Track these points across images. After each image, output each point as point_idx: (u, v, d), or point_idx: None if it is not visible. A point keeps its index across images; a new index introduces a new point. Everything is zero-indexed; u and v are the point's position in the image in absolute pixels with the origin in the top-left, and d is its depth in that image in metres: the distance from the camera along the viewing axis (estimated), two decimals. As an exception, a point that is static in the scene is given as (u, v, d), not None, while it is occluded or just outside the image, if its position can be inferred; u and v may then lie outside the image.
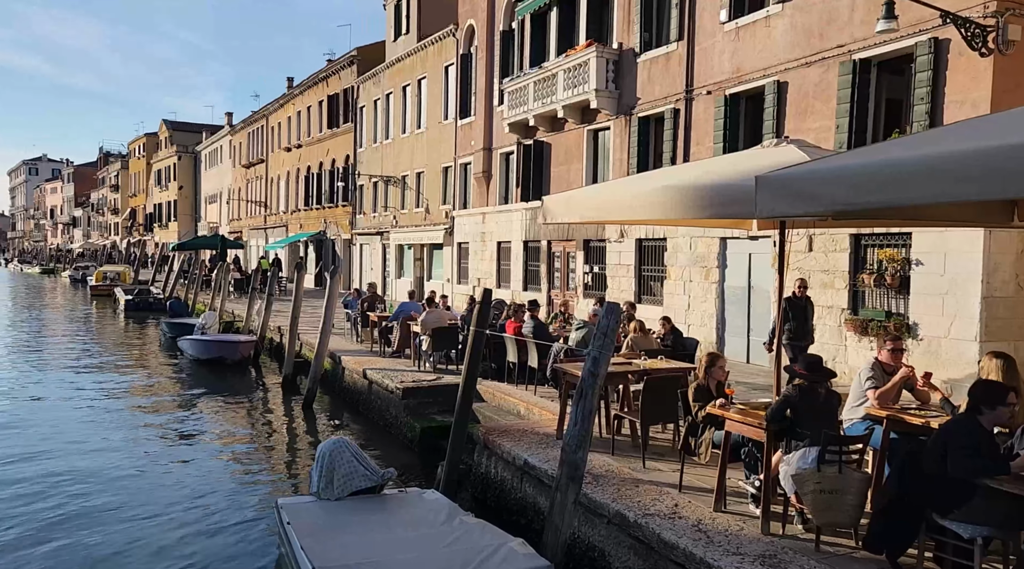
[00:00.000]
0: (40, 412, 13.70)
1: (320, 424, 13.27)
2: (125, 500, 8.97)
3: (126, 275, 43.82)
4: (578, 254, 18.22)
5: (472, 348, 8.71)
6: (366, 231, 31.16)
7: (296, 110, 39.33)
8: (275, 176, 42.86)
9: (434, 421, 11.18)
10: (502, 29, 21.16)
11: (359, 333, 17.38)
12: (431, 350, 13.37)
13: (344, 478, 7.43)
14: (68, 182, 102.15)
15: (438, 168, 25.40)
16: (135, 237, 71.67)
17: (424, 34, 26.28)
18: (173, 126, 64.91)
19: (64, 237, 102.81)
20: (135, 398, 15.42)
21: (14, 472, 9.94)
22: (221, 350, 18.42)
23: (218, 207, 55.09)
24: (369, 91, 30.95)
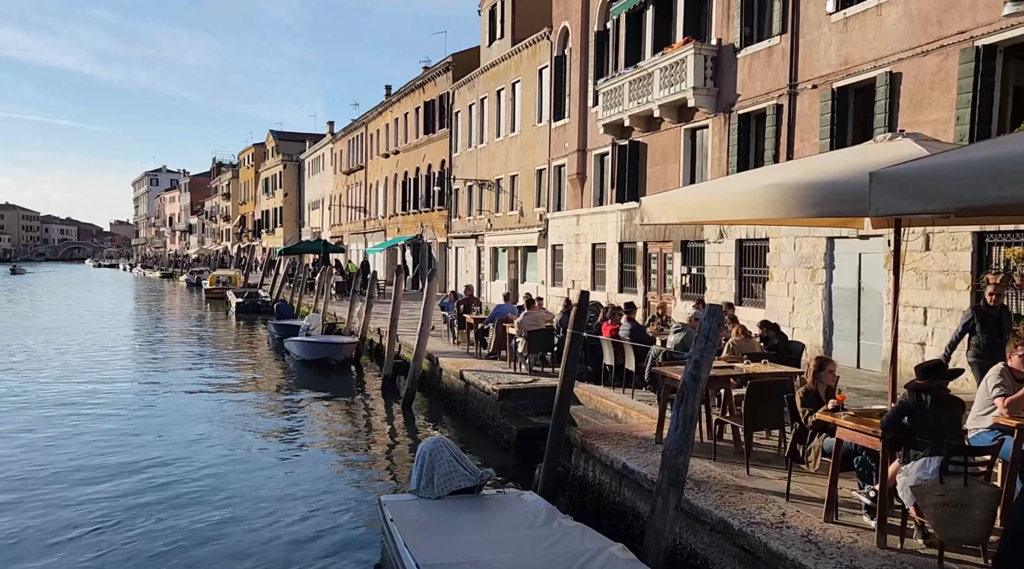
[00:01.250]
0: (159, 407, 14.56)
1: (419, 424, 13.55)
2: (233, 494, 9.37)
3: (237, 279, 46.16)
4: (675, 255, 17.89)
5: (569, 350, 8.68)
6: (461, 234, 31.63)
7: (393, 117, 40.37)
8: (373, 182, 44.11)
9: (530, 423, 11.19)
10: (596, 30, 21.04)
11: (456, 335, 17.64)
12: (527, 352, 13.42)
13: (444, 477, 7.55)
14: (184, 191, 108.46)
15: (532, 171, 25.51)
16: (245, 243, 75.33)
17: (518, 38, 26.46)
18: (279, 136, 67.88)
19: (181, 243, 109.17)
20: (245, 396, 16.17)
21: (129, 462, 10.57)
22: (325, 351, 19.08)
23: (320, 213, 57.19)
24: (464, 96, 31.42)
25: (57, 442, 11.72)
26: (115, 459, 10.78)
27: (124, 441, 11.82)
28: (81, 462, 10.61)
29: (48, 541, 7.80)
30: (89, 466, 10.42)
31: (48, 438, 11.97)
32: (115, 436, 12.12)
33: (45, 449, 11.31)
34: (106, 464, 10.53)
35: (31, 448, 11.49)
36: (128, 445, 11.56)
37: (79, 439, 11.94)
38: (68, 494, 9.26)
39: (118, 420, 13.28)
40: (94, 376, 18.01)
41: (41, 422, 13.16)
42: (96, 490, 9.39)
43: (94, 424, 12.94)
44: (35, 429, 12.68)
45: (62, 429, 12.58)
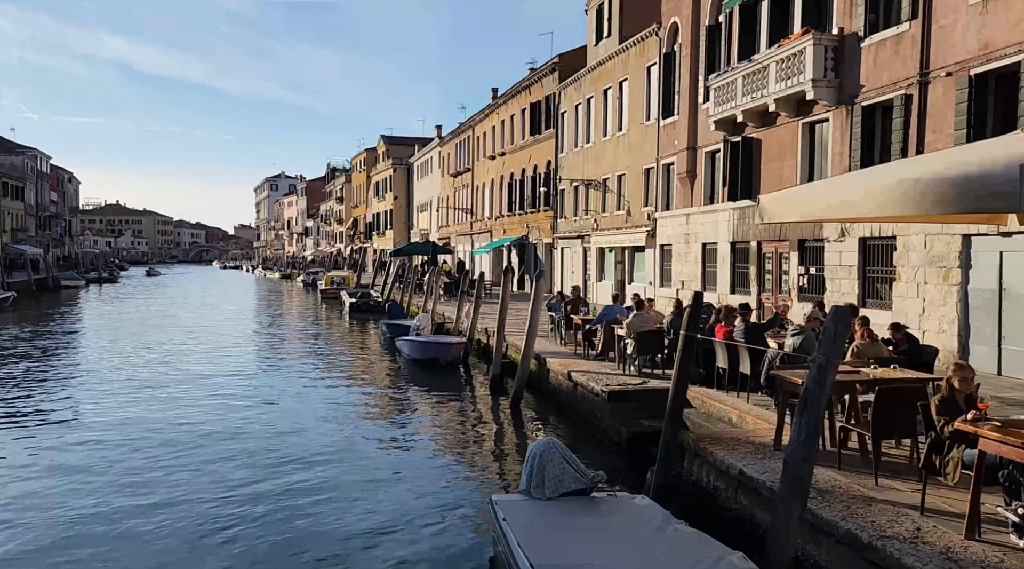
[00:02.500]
0: (278, 404, 15.18)
1: (527, 424, 13.60)
2: (346, 489, 9.63)
3: (350, 279, 47.94)
4: (792, 255, 17.18)
5: (682, 352, 8.49)
6: (567, 235, 31.59)
7: (500, 119, 40.80)
8: (480, 184, 44.74)
9: (640, 426, 11.02)
10: (708, 24, 20.51)
11: (563, 336, 17.62)
12: (636, 354, 13.24)
13: (555, 479, 7.54)
14: (301, 196, 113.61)
15: (640, 170, 25.16)
16: (357, 244, 78.07)
17: (626, 36, 26.16)
18: (389, 141, 69.96)
19: (298, 245, 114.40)
20: (359, 394, 16.74)
21: (246, 457, 10.99)
22: (434, 351, 19.48)
23: (428, 215, 58.53)
24: (570, 96, 31.37)
25: (180, 434, 12.38)
26: (233, 452, 11.25)
27: (243, 435, 12.35)
28: (201, 454, 11.13)
29: (165, 529, 8.19)
30: (209, 457, 10.92)
31: (172, 429, 12.68)
32: (235, 430, 12.68)
33: (168, 440, 11.97)
34: (225, 456, 11.01)
35: (157, 436, 12.26)
36: (246, 440, 12.04)
37: (201, 431, 12.57)
38: (187, 484, 9.70)
39: (238, 415, 13.92)
40: (219, 372, 19.09)
41: (167, 414, 14.03)
42: (213, 481, 9.81)
43: (216, 417, 13.63)
44: (161, 420, 13.53)
45: (185, 422, 13.31)
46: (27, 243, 66.83)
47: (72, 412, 14.21)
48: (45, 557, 7.46)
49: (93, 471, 10.33)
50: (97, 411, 14.20)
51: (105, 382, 17.48)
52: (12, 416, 13.92)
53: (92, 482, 9.83)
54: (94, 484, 9.73)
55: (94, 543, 7.82)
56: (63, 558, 7.48)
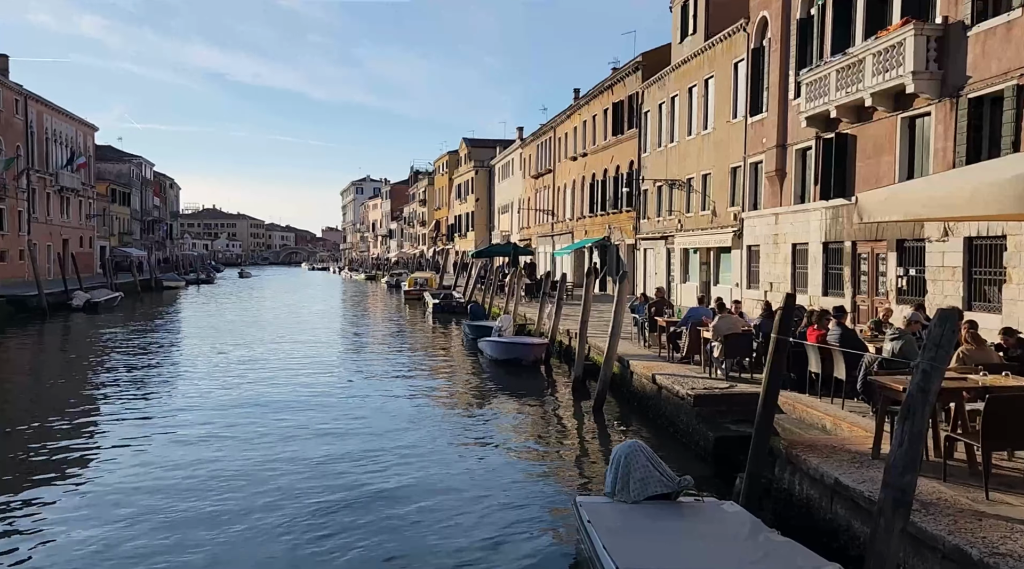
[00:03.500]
0: (362, 402, 15.47)
1: (609, 426, 13.47)
2: (428, 489, 9.70)
3: (432, 281, 48.68)
4: (889, 255, 16.41)
5: (773, 356, 8.22)
6: (650, 236, 31.16)
7: (582, 120, 40.64)
8: (561, 185, 44.67)
9: (728, 430, 10.75)
10: (799, 17, 19.84)
11: (646, 338, 17.38)
12: (723, 357, 12.93)
13: (640, 482, 7.43)
14: (386, 199, 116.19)
15: (726, 169, 24.58)
16: (439, 246, 79.27)
17: (712, 32, 25.61)
18: (471, 143, 70.75)
19: (382, 247, 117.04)
20: (442, 394, 16.93)
21: (331, 454, 11.17)
22: (516, 352, 19.54)
23: (509, 216, 58.85)
24: (654, 95, 30.95)
25: (268, 432, 12.74)
26: (318, 450, 11.46)
27: (329, 433, 12.58)
28: (287, 452, 11.39)
29: (252, 528, 8.39)
30: (295, 456, 11.15)
31: (261, 428, 13.08)
32: (320, 429, 12.91)
33: (257, 438, 12.34)
34: (311, 454, 11.22)
35: (247, 434, 12.72)
36: (331, 438, 12.24)
37: (289, 430, 12.89)
38: (273, 481, 9.91)
39: (324, 414, 14.20)
40: (307, 371, 19.68)
41: (258, 412, 14.53)
42: (298, 479, 9.98)
43: (304, 417, 13.94)
44: (252, 418, 14.02)
45: (274, 420, 13.72)
46: (132, 246, 70.81)
47: (171, 409, 14.91)
48: (137, 554, 7.72)
49: (186, 467, 10.76)
50: (194, 409, 14.81)
51: (202, 380, 18.30)
52: (118, 413, 14.73)
53: (185, 479, 10.22)
54: (187, 482, 10.09)
55: (185, 540, 8.08)
56: (154, 554, 7.78)
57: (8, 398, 16.79)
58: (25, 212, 47.76)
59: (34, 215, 49.11)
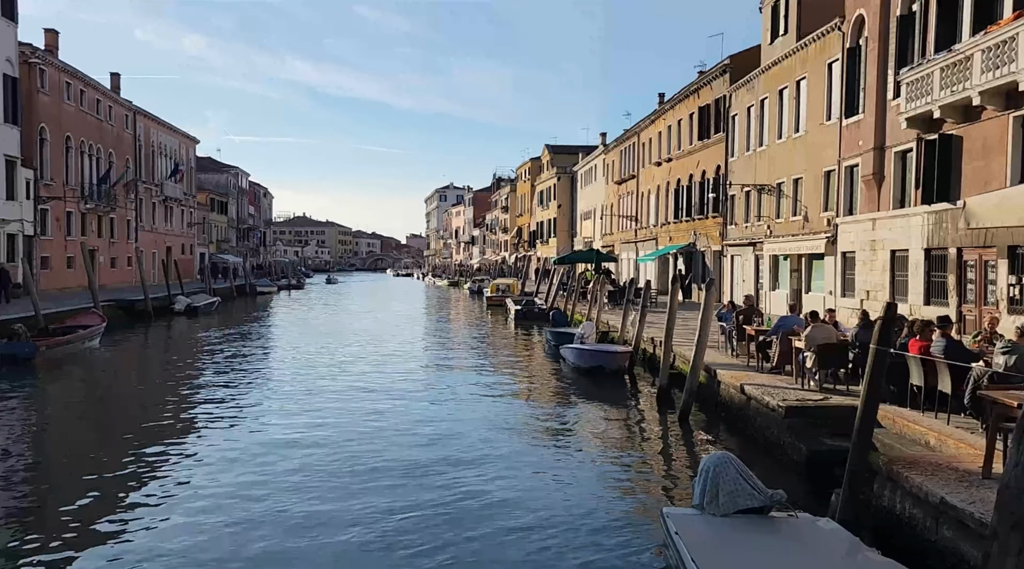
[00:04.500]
0: (443, 409, 15.45)
1: (696, 437, 13.16)
2: (510, 497, 9.64)
3: (514, 287, 48.87)
4: (1000, 263, 15.45)
5: (873, 368, 7.85)
6: (737, 242, 30.40)
7: (666, 124, 40.08)
8: (645, 190, 44.16)
9: (822, 444, 10.33)
10: (899, 14, 18.98)
11: (734, 347, 16.92)
12: (816, 368, 12.44)
13: (730, 495, 7.22)
14: (468, 206, 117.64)
15: (818, 173, 23.73)
16: (521, 252, 79.63)
17: (804, 32, 24.82)
18: (553, 150, 70.87)
19: (465, 254, 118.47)
20: (524, 401, 16.91)
21: (412, 461, 11.18)
22: (600, 359, 19.35)
23: (592, 223, 58.59)
24: (742, 98, 30.21)
25: (351, 435, 12.94)
26: (400, 453, 11.54)
27: (410, 438, 12.64)
28: (369, 455, 11.47)
29: (329, 529, 8.44)
30: (376, 460, 11.21)
31: (343, 431, 13.29)
32: (402, 433, 13.00)
33: (339, 440, 12.51)
34: (391, 459, 11.26)
35: (330, 436, 13.00)
36: (412, 443, 12.30)
37: (371, 433, 13.05)
38: (352, 486, 9.98)
39: (407, 418, 14.32)
40: (391, 374, 20.02)
41: (341, 415, 14.85)
42: (379, 484, 10.02)
43: (385, 421, 14.08)
44: (335, 421, 14.33)
45: (357, 424, 13.93)
46: (229, 253, 74.05)
47: (262, 410, 15.41)
48: (218, 557, 7.92)
49: (273, 467, 11.08)
50: (283, 411, 15.22)
51: (292, 382, 18.91)
52: (212, 414, 15.36)
53: (271, 479, 10.52)
54: (273, 482, 10.38)
55: (265, 541, 8.28)
56: (237, 554, 8.03)
57: (116, 396, 17.80)
58: (133, 221, 50.69)
59: (141, 224, 52.06)
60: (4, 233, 34.02)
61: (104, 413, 15.60)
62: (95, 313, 26.65)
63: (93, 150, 44.29)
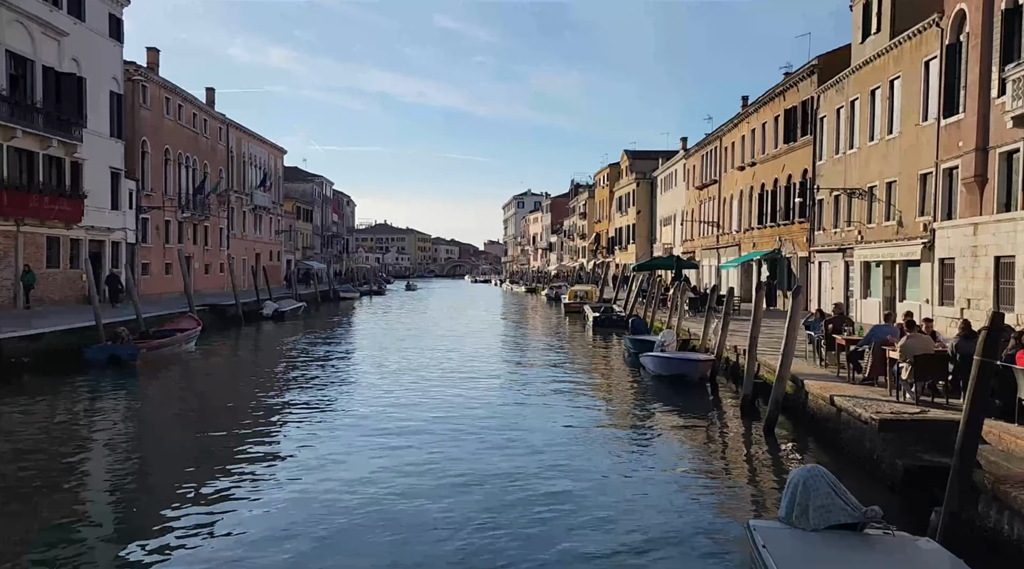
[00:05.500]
0: (521, 417, 15.36)
1: (782, 449, 12.76)
2: (591, 506, 9.52)
3: (592, 294, 48.57)
4: (1117, 271, 14.40)
5: (977, 381, 7.44)
6: (826, 248, 29.35)
7: (750, 128, 39.14)
8: (727, 195, 43.21)
9: (920, 460, 9.83)
10: (1004, 8, 17.95)
11: (823, 357, 16.33)
12: (912, 380, 11.86)
13: (820, 509, 6.96)
14: (546, 212, 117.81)
15: (914, 175, 22.68)
16: (599, 259, 79.14)
17: (898, 30, 23.81)
18: (632, 155, 70.20)
19: (542, 260, 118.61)
20: (603, 409, 16.74)
21: (488, 469, 11.13)
22: (681, 367, 19.00)
23: (672, 229, 57.71)
24: (831, 100, 29.21)
25: (429, 440, 13.00)
26: (477, 462, 11.48)
27: (488, 446, 12.55)
28: (444, 461, 11.48)
29: (408, 535, 8.46)
30: (453, 466, 11.19)
31: (420, 436, 13.31)
32: (479, 440, 12.95)
33: (416, 446, 12.55)
34: (468, 466, 11.23)
35: (405, 441, 13.14)
36: (491, 451, 12.22)
37: (445, 438, 13.10)
38: (428, 491, 9.99)
39: (484, 425, 14.28)
40: (469, 381, 20.12)
41: (419, 419, 15.01)
42: (456, 491, 9.98)
43: (462, 426, 14.10)
44: (412, 425, 14.48)
45: (434, 429, 14.02)
46: (314, 259, 76.44)
47: (344, 414, 15.77)
48: (300, 556, 8.10)
49: (350, 469, 11.32)
50: (364, 415, 15.48)
51: (372, 386, 19.32)
52: (296, 417, 15.83)
53: (350, 481, 10.73)
54: (352, 484, 10.59)
55: (345, 541, 8.46)
56: (313, 556, 8.23)
57: (209, 396, 18.58)
58: (225, 229, 52.96)
59: (232, 231, 54.32)
60: (110, 241, 36.08)
61: (198, 413, 16.30)
62: (191, 317, 27.92)
63: (189, 162, 46.53)
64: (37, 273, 29.74)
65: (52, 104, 30.65)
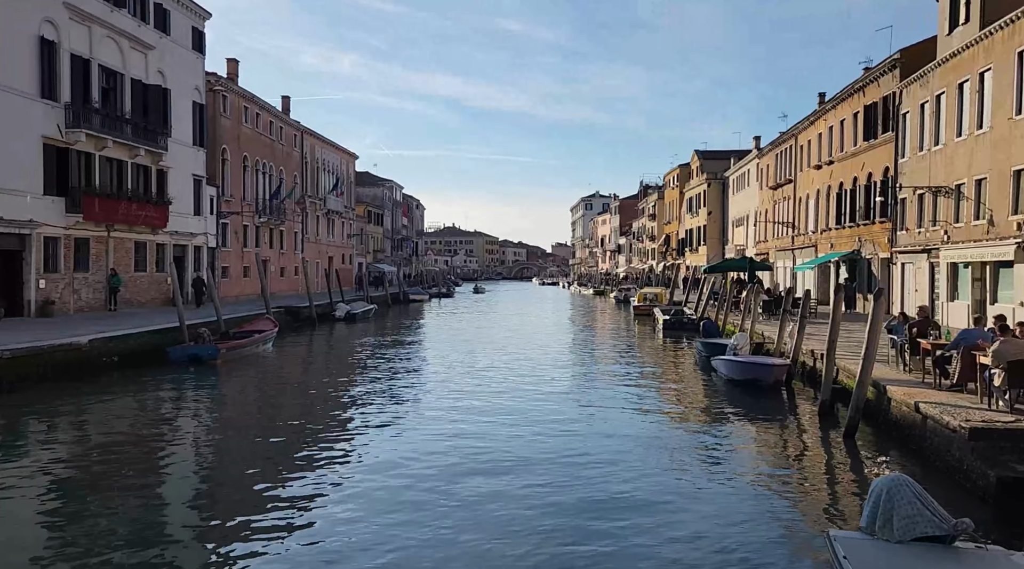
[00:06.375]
0: (591, 421, 15.10)
1: (863, 456, 12.26)
2: (663, 512, 9.33)
3: (662, 296, 47.87)
4: None
5: (1080, 386, 6.95)
6: (909, 249, 28.14)
7: (827, 125, 37.91)
8: (803, 195, 41.96)
9: (1015, 471, 9.31)
10: (1104, -9, 16.91)
11: (906, 362, 15.64)
12: (1006, 386, 11.23)
13: (906, 520, 6.64)
14: (614, 214, 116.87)
15: (1006, 172, 21.53)
16: (669, 261, 77.98)
17: (988, 20, 22.66)
18: (703, 155, 68.94)
19: (611, 262, 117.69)
20: (673, 413, 16.37)
21: (557, 472, 11.04)
22: (755, 372, 18.51)
23: (744, 230, 56.41)
24: (914, 94, 28.01)
25: (494, 443, 12.96)
26: (544, 467, 11.28)
27: (555, 451, 12.35)
28: (511, 465, 11.38)
29: (472, 539, 8.44)
30: (519, 472, 11.01)
31: (486, 438, 13.32)
32: (547, 446, 12.76)
33: (481, 449, 12.51)
34: (535, 471, 11.08)
35: (473, 443, 13.14)
36: (558, 455, 12.03)
37: (512, 441, 13.04)
38: (498, 492, 9.98)
39: (552, 430, 14.06)
40: (537, 384, 20.01)
41: (487, 422, 15.01)
42: (522, 496, 9.86)
43: (530, 430, 13.99)
44: (480, 428, 14.49)
45: (500, 431, 13.96)
46: (384, 262, 77.85)
47: (412, 415, 15.85)
48: (362, 555, 8.19)
49: (417, 470, 11.40)
50: (432, 418, 15.55)
51: (441, 388, 19.45)
52: (366, 417, 16.08)
53: (414, 481, 10.82)
54: (417, 484, 10.66)
55: (411, 542, 8.50)
56: (377, 555, 8.28)
57: (284, 396, 19.08)
58: (299, 233, 54.45)
59: (306, 235, 55.81)
60: (192, 245, 37.56)
61: (274, 411, 16.75)
62: (268, 319, 28.79)
63: (266, 168, 48.05)
64: (125, 277, 31.21)
65: (140, 115, 32.15)
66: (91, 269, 29.65)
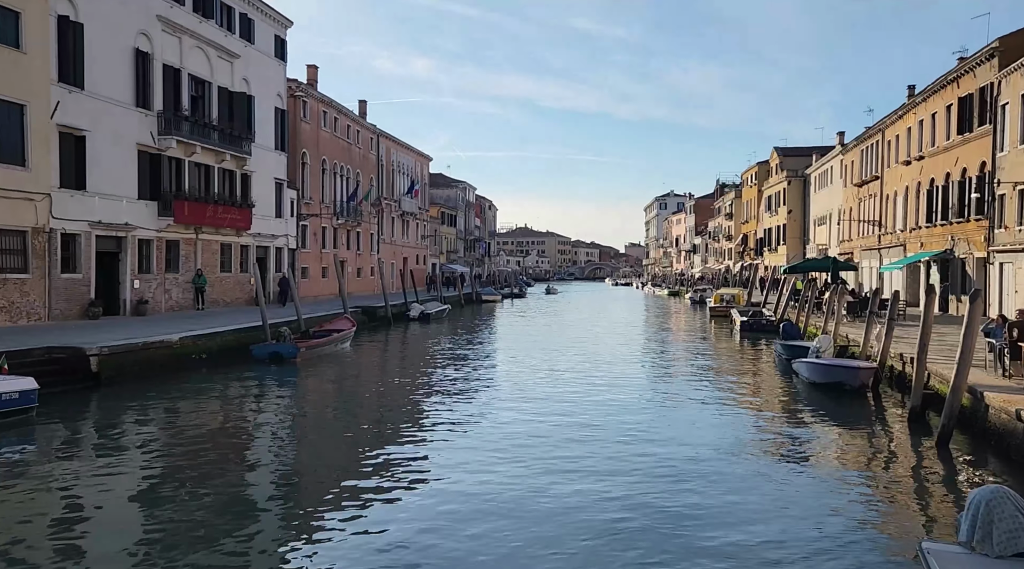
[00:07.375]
0: (666, 425, 14.76)
1: (958, 466, 11.64)
2: (749, 520, 9.06)
3: (740, 297, 46.74)
4: None
5: None
6: (1008, 248, 26.61)
7: (917, 119, 36.25)
8: (891, 192, 40.25)
9: None
10: None
11: (1005, 367, 14.77)
12: (1120, 394, 10.46)
13: (1007, 534, 6.26)
14: (689, 213, 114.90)
15: (1116, 165, 20.10)
16: (746, 261, 76.09)
17: (1095, 2, 21.24)
18: (783, 152, 66.97)
19: (686, 263, 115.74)
20: (753, 418, 15.83)
21: (631, 476, 10.80)
22: (839, 375, 17.83)
23: (827, 228, 54.54)
24: (1015, 84, 26.47)
25: (567, 444, 12.82)
26: (619, 470, 11.09)
27: (632, 455, 12.14)
28: (584, 468, 11.19)
29: (538, 541, 8.39)
30: (592, 475, 10.84)
31: (559, 440, 13.17)
32: (622, 449, 12.53)
33: (554, 451, 12.37)
34: (609, 474, 10.86)
35: (544, 444, 13.05)
36: (634, 459, 11.83)
37: (585, 443, 12.84)
38: (567, 496, 9.81)
39: (627, 434, 13.76)
40: (610, 388, 19.71)
41: (559, 423, 14.89)
42: (595, 500, 9.68)
43: (605, 433, 13.78)
44: (552, 429, 14.39)
45: (575, 432, 13.83)
46: (457, 263, 78.73)
47: (484, 415, 15.83)
48: (433, 553, 8.25)
49: (489, 469, 11.41)
50: (503, 420, 15.42)
51: (513, 389, 19.43)
52: (438, 417, 16.21)
53: (486, 480, 10.82)
54: (488, 483, 10.67)
55: (481, 541, 8.47)
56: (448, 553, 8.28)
57: (362, 393, 19.47)
58: (375, 234, 55.57)
59: (382, 236, 56.92)
60: (273, 247, 38.82)
61: (351, 408, 17.12)
62: (346, 318, 29.47)
63: (343, 171, 49.24)
64: (211, 277, 32.50)
65: (225, 121, 33.45)
66: (181, 270, 31.02)
